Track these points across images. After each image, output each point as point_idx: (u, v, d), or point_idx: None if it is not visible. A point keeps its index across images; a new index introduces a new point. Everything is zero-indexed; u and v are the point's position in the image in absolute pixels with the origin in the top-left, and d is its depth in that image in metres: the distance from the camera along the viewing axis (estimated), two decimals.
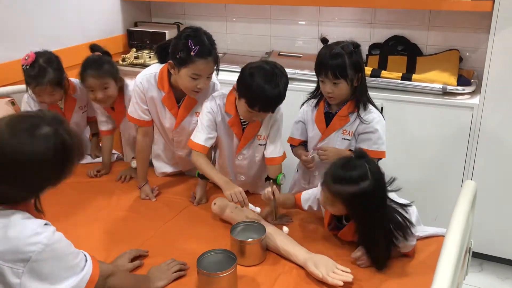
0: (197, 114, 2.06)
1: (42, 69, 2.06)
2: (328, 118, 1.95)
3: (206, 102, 1.96)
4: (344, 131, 1.93)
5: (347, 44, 1.84)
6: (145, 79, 2.04)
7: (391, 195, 1.62)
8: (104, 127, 2.39)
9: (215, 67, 1.93)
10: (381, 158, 1.92)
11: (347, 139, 1.93)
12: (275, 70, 1.76)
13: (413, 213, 1.67)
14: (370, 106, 1.92)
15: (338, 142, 1.95)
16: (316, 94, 2.00)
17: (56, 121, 1.20)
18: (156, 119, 2.12)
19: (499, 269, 2.55)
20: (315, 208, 1.82)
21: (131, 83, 2.20)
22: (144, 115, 2.08)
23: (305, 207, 1.83)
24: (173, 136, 2.16)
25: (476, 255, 2.53)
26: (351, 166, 1.53)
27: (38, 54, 2.09)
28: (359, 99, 1.89)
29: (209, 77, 1.93)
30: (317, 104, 1.99)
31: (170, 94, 2.03)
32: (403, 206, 1.62)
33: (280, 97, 1.78)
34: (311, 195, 1.82)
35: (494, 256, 2.55)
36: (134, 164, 2.26)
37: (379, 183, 1.54)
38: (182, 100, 2.05)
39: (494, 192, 2.38)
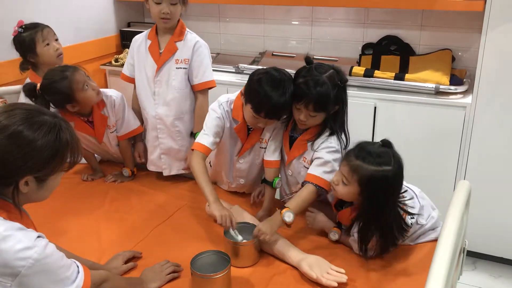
0: (177, 61, 2.15)
1: (36, 23, 2.14)
2: (291, 142, 1.88)
3: (214, 106, 1.91)
4: (304, 159, 1.84)
5: (333, 73, 1.70)
6: (145, 32, 2.25)
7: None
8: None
9: None
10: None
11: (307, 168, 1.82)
12: (283, 77, 1.72)
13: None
14: (334, 138, 1.78)
15: (302, 172, 1.84)
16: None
17: (58, 117, 1.21)
18: (142, 66, 2.22)
19: (492, 267, 2.57)
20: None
21: (116, 97, 2.19)
22: (128, 71, 2.29)
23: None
24: (155, 87, 2.20)
25: (469, 254, 2.53)
26: (377, 148, 1.54)
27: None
28: (332, 127, 1.78)
29: (172, 3, 2.05)
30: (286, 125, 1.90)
31: (155, 43, 2.18)
32: (409, 214, 1.61)
33: (287, 105, 1.73)
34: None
35: (487, 255, 2.56)
36: (126, 172, 2.28)
37: (398, 176, 1.53)
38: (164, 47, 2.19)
39: (486, 191, 2.39)
